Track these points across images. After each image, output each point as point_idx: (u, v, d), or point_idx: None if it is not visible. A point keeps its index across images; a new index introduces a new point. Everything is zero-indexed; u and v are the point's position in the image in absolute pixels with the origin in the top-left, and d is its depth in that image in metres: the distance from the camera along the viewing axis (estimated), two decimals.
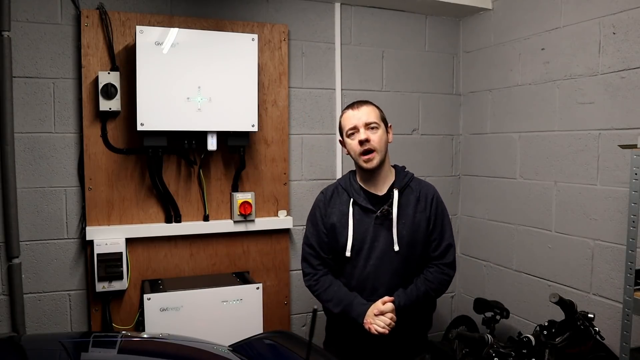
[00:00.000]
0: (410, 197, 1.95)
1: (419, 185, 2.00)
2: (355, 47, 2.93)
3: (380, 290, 1.91)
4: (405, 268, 1.92)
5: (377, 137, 1.90)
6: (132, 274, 2.47)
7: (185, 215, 2.56)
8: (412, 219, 1.92)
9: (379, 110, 1.99)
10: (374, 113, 1.94)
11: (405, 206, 1.93)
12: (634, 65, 2.19)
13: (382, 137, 1.91)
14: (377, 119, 1.93)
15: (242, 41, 2.47)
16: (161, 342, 1.81)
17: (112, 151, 2.44)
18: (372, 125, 1.90)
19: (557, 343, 2.08)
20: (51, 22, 2.35)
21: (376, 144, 1.89)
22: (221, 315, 2.35)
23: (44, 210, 2.39)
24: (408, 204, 1.94)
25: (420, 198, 1.95)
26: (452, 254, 1.99)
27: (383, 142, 1.92)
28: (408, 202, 1.94)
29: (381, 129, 1.92)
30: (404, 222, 1.91)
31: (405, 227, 1.91)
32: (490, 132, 3.00)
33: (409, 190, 1.96)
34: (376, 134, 1.90)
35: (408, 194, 1.95)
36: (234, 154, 2.61)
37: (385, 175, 1.97)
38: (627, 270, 1.87)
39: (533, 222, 2.71)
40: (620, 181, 2.25)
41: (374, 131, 1.90)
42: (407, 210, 1.93)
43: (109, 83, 2.35)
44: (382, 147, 1.92)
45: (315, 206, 2.05)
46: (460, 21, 3.18)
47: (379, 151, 1.90)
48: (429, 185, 2.03)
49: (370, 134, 1.89)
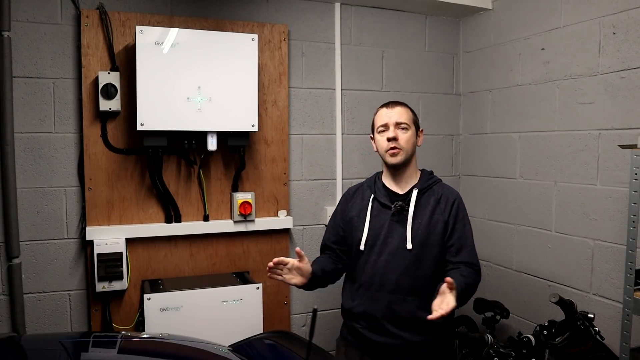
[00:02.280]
0: (430, 199, 1.96)
1: (442, 189, 2.00)
2: (355, 47, 2.93)
3: (388, 287, 1.92)
4: (416, 268, 1.91)
5: (405, 137, 1.95)
6: (132, 274, 2.47)
7: (185, 215, 2.56)
8: (429, 219, 1.92)
9: (413, 113, 2.02)
10: (407, 114, 1.98)
11: (424, 206, 1.94)
12: (634, 65, 2.19)
13: (410, 139, 1.96)
14: (409, 120, 1.97)
15: (242, 41, 2.47)
16: (161, 342, 1.81)
17: (112, 151, 2.44)
18: (402, 125, 1.95)
19: (557, 343, 2.08)
20: (51, 22, 2.35)
21: (403, 143, 1.94)
22: (221, 315, 2.35)
23: (44, 210, 2.39)
24: (427, 205, 1.95)
25: (441, 201, 1.96)
26: (477, 260, 1.96)
27: (410, 143, 1.97)
28: (427, 203, 1.95)
29: (411, 130, 1.97)
30: (420, 222, 1.92)
31: (421, 227, 1.91)
32: (490, 132, 3.00)
33: (431, 192, 1.97)
34: (405, 134, 1.95)
35: (429, 196, 1.97)
36: (234, 154, 2.61)
37: (409, 176, 2.00)
38: (627, 270, 1.87)
39: (533, 222, 2.71)
40: (620, 181, 2.25)
41: (404, 131, 1.95)
42: (425, 210, 1.94)
43: (109, 83, 2.35)
44: (409, 147, 1.96)
45: (339, 201, 2.17)
46: (460, 21, 3.18)
47: (405, 150, 1.95)
48: (453, 190, 2.03)
49: (400, 133, 1.95)
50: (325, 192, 2.90)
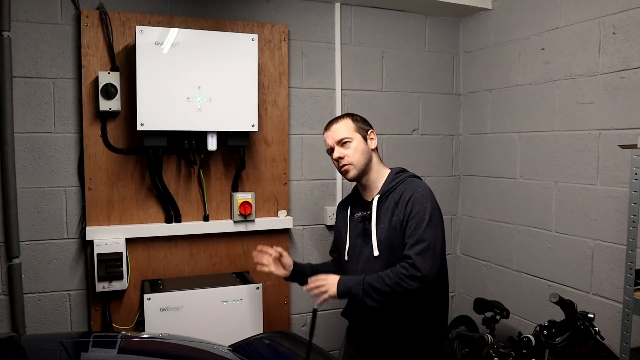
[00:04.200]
0: (392, 202, 1.92)
1: (405, 187, 1.92)
2: (355, 47, 2.93)
3: None
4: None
5: (350, 151, 1.93)
6: (132, 274, 2.47)
7: (185, 215, 2.56)
8: (389, 222, 1.89)
9: (353, 120, 1.98)
10: (344, 128, 1.96)
11: (386, 210, 1.92)
12: (634, 65, 2.19)
13: (357, 149, 1.94)
14: (348, 132, 1.95)
15: (242, 41, 2.47)
16: (161, 342, 1.81)
17: (112, 151, 2.44)
18: (343, 140, 1.94)
19: (557, 343, 2.08)
20: (51, 22, 2.35)
21: (350, 158, 1.93)
22: (221, 315, 2.35)
23: (44, 210, 2.39)
24: (388, 209, 1.92)
25: (400, 201, 1.89)
26: (421, 249, 1.78)
27: (359, 153, 1.94)
28: (388, 206, 1.92)
29: (355, 140, 1.94)
30: (383, 227, 1.91)
31: (384, 232, 1.90)
32: (490, 132, 3.00)
33: (393, 194, 1.93)
34: (349, 148, 1.94)
35: (391, 198, 1.93)
36: (234, 154, 2.61)
37: (374, 181, 1.98)
38: (627, 270, 1.87)
39: (533, 222, 2.71)
40: (620, 181, 2.25)
41: (347, 146, 1.94)
42: (387, 214, 1.91)
43: (109, 83, 2.35)
44: (358, 158, 1.94)
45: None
46: (460, 21, 3.18)
47: (355, 163, 1.94)
48: (413, 186, 1.91)
49: (343, 150, 1.94)
50: (325, 192, 2.90)
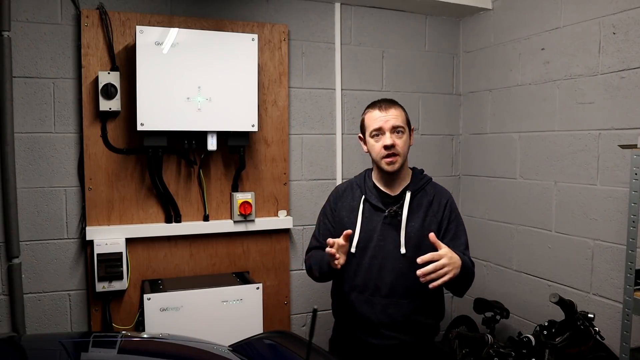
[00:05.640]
0: (423, 200, 1.91)
1: (434, 189, 1.95)
2: (355, 47, 2.93)
3: (383, 290, 1.90)
4: (410, 271, 1.88)
5: (402, 142, 1.86)
6: (132, 274, 2.47)
7: (185, 215, 2.56)
8: (422, 221, 1.88)
9: (405, 112, 1.93)
10: (402, 117, 1.89)
11: (417, 209, 1.90)
12: (634, 65, 2.19)
13: (406, 142, 1.89)
14: (404, 123, 1.89)
15: (242, 41, 2.47)
16: (161, 342, 1.81)
17: (112, 151, 2.44)
18: (399, 129, 1.86)
19: (557, 343, 2.08)
20: (51, 22, 2.35)
21: (401, 149, 1.86)
22: (221, 315, 2.35)
23: (44, 210, 2.39)
24: (420, 207, 1.90)
25: (434, 201, 1.91)
26: (468, 252, 1.90)
27: (407, 147, 1.90)
28: (420, 204, 1.91)
29: (406, 133, 1.90)
30: (413, 225, 1.89)
31: (414, 230, 1.88)
32: (490, 132, 3.00)
33: (423, 193, 1.93)
34: (402, 138, 1.87)
35: (422, 197, 1.92)
36: (234, 154, 2.61)
37: (402, 177, 1.94)
38: (627, 270, 1.87)
39: (533, 222, 2.71)
40: (620, 181, 2.25)
41: (400, 135, 1.86)
42: (419, 212, 1.90)
43: (109, 83, 2.35)
44: (406, 152, 1.90)
45: (327, 200, 2.09)
46: (460, 21, 3.18)
47: (402, 156, 1.88)
48: (444, 190, 1.98)
49: (396, 138, 1.86)
50: (325, 192, 2.88)
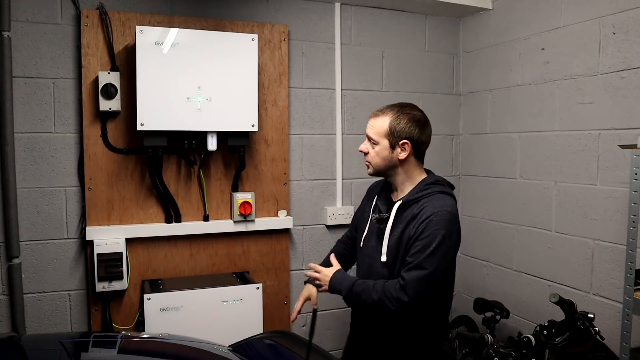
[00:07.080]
0: (410, 213, 1.86)
1: (428, 203, 1.84)
2: (355, 47, 2.93)
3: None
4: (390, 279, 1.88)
5: (373, 153, 1.89)
6: (132, 274, 2.47)
7: (185, 215, 2.56)
8: (401, 233, 1.85)
9: (393, 122, 1.85)
10: (380, 129, 1.86)
11: (402, 220, 1.87)
12: (634, 65, 2.19)
13: (378, 153, 1.87)
14: (380, 135, 1.86)
15: (242, 41, 2.47)
16: (161, 342, 1.81)
17: (112, 151, 2.44)
18: (371, 140, 1.89)
19: (557, 343, 2.08)
20: (51, 22, 2.35)
21: (370, 158, 1.90)
22: (221, 315, 2.35)
23: (44, 210, 2.39)
24: (405, 219, 1.86)
25: (417, 217, 1.83)
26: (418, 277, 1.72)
27: (378, 158, 1.87)
28: (406, 217, 1.86)
29: (380, 145, 1.86)
30: (395, 234, 1.87)
31: (393, 240, 1.86)
32: (490, 132, 3.00)
33: (415, 205, 1.86)
34: (373, 149, 1.89)
35: (412, 209, 1.86)
36: (234, 154, 2.61)
37: (400, 185, 1.93)
38: (627, 270, 1.87)
39: (533, 222, 2.71)
40: (620, 181, 2.25)
41: (372, 145, 1.90)
42: (402, 224, 1.86)
43: (109, 83, 2.35)
44: (377, 162, 1.88)
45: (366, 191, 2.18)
46: (460, 21, 3.18)
47: (373, 165, 1.90)
48: (436, 207, 1.81)
49: (370, 147, 1.90)
50: (325, 192, 2.90)
